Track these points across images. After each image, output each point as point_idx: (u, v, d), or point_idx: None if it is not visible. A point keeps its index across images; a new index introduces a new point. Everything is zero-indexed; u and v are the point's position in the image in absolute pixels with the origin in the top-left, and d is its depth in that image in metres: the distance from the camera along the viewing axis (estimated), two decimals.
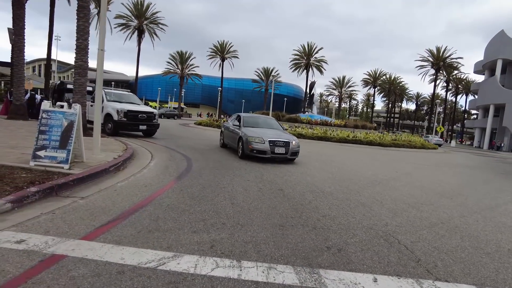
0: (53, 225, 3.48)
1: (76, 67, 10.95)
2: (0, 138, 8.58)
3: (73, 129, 5.86)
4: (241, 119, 10.89)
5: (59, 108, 5.96)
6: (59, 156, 5.74)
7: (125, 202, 4.54)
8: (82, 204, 4.30)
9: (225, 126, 12.20)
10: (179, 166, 7.76)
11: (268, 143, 9.21)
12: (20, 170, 5.44)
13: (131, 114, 13.14)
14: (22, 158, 6.25)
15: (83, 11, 10.71)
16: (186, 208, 4.49)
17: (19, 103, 15.89)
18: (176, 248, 3.18)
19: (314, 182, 7.22)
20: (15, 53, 15.91)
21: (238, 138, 9.98)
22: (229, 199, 5.14)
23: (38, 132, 5.76)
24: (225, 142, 12.12)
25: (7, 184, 4.62)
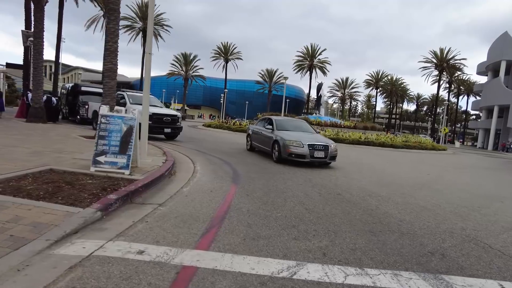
0: (156, 234, 3.42)
1: (105, 70, 10.84)
2: (39, 142, 8.47)
3: (132, 134, 5.80)
4: (273, 122, 10.76)
5: (118, 113, 5.89)
6: (120, 161, 5.68)
7: (206, 208, 4.49)
8: (166, 211, 4.24)
9: (254, 130, 12.08)
10: (224, 170, 7.71)
11: (307, 147, 9.10)
12: (83, 176, 5.37)
13: (156, 117, 13.05)
14: (78, 163, 6.18)
15: (114, 13, 10.62)
16: (267, 214, 4.45)
17: (38, 106, 15.72)
18: (292, 256, 3.15)
19: (363, 186, 7.19)
20: (35, 56, 15.75)
21: (273, 142, 9.87)
22: (299, 204, 5.10)
23: (98, 137, 5.69)
24: (253, 145, 12.03)
25: (81, 191, 4.56)
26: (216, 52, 56.35)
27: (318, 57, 54.04)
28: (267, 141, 10.42)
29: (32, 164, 5.67)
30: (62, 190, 4.50)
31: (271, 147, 9.98)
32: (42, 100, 16.27)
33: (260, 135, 11.24)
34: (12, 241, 2.90)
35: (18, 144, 7.79)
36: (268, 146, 10.36)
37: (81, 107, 18.86)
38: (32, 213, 3.52)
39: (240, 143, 15.62)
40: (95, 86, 21.75)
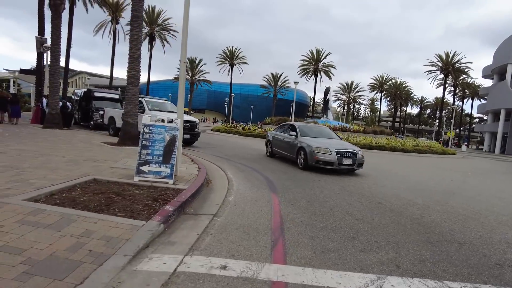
0: (228, 247, 3.42)
1: (129, 77, 10.91)
2: (69, 150, 8.49)
3: (176, 144, 5.82)
4: (296, 128, 10.75)
5: (161, 122, 5.91)
6: (163, 171, 5.69)
7: (260, 219, 4.49)
8: (225, 222, 4.25)
9: (275, 136, 12.04)
10: (256, 177, 7.72)
11: (335, 154, 9.06)
12: (128, 185, 5.38)
13: None
14: (117, 172, 6.19)
15: (137, 20, 10.70)
16: (322, 225, 4.44)
17: (54, 112, 15.79)
18: (368, 269, 3.15)
19: (398, 194, 7.18)
20: (52, 62, 15.83)
21: (298, 148, 9.85)
22: (347, 215, 5.10)
23: (141, 146, 5.70)
24: (273, 151, 12.05)
25: (134, 202, 4.56)
26: (221, 56, 56.65)
27: (323, 61, 54.21)
28: (291, 148, 10.41)
29: (74, 173, 5.69)
30: (115, 201, 4.50)
31: (296, 154, 9.97)
32: (59, 106, 16.34)
33: (282, 142, 11.23)
34: (93, 256, 2.91)
35: (51, 152, 7.81)
36: (292, 152, 10.35)
37: (95, 113, 18.94)
38: (99, 226, 3.52)
39: (256, 149, 15.62)
40: (107, 92, 21.84)
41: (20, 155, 6.95)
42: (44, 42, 20.73)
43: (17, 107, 16.71)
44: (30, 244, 2.90)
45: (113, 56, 39.12)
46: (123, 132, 10.82)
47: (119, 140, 10.87)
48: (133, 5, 10.69)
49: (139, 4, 10.67)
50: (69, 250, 2.92)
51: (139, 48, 10.89)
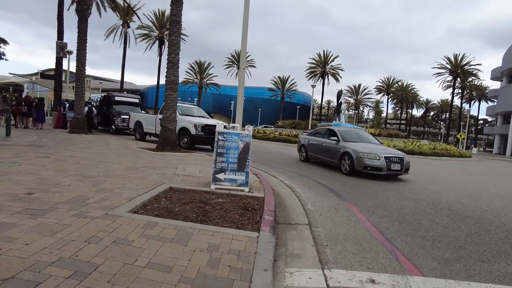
0: (356, 260, 3.36)
1: (168, 82, 10.87)
2: (120, 157, 8.43)
3: (249, 151, 5.76)
4: (337, 133, 10.68)
5: (233, 130, 5.85)
6: (239, 178, 5.64)
7: (358, 229, 4.44)
8: (328, 233, 4.20)
9: (311, 141, 11.95)
10: (313, 184, 7.66)
11: (383, 159, 8.95)
12: (207, 193, 5.32)
13: (208, 128, 13.01)
14: (187, 180, 6.14)
15: (176, 25, 10.67)
16: (419, 234, 4.39)
17: (80, 117, 15.75)
18: (504, 279, 3.09)
19: (459, 200, 7.11)
20: (77, 67, 15.82)
21: (342, 154, 9.77)
22: (433, 222, 5.04)
23: (216, 154, 5.65)
24: (309, 156, 12.01)
25: (226, 211, 4.50)
26: (229, 60, 56.68)
27: (330, 64, 54.31)
28: (333, 153, 10.36)
29: (147, 182, 5.63)
30: (208, 211, 4.44)
31: (339, 159, 9.90)
32: (84, 110, 16.32)
33: (320, 147, 11.17)
34: (236, 272, 2.83)
35: (103, 158, 7.75)
36: (333, 157, 10.29)
37: (116, 117, 18.91)
38: (217, 239, 3.45)
39: (284, 153, 15.55)
40: (128, 96, 21.83)
41: (79, 162, 6.89)
42: (64, 47, 20.75)
43: (42, 112, 16.69)
44: (171, 260, 2.83)
45: (124, 60, 39.21)
46: (162, 137, 10.76)
47: (158, 146, 10.80)
48: (172, 10, 10.67)
49: (178, 9, 10.64)
50: (210, 266, 2.85)
51: (178, 53, 10.85)
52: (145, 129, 15.14)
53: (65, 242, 2.84)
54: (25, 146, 8.88)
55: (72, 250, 2.71)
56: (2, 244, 2.68)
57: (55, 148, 8.86)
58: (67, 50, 19.58)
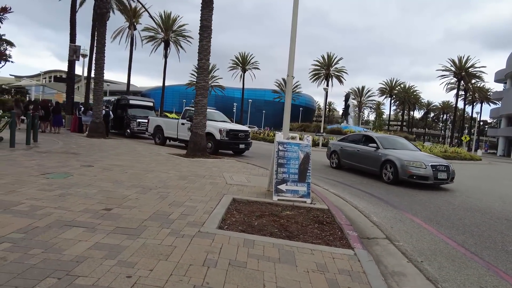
0: (466, 279, 3.28)
1: (198, 87, 10.77)
2: (161, 164, 8.31)
3: (309, 161, 5.67)
4: (375, 140, 10.22)
5: (292, 140, 5.77)
6: (300, 189, 5.55)
7: (437, 243, 4.39)
8: (414, 248, 4.14)
9: (344, 148, 11.50)
10: (361, 194, 7.58)
11: (430, 168, 8.59)
12: (271, 205, 5.24)
13: (232, 133, 12.92)
14: (245, 190, 6.05)
15: (206, 30, 10.58)
16: (499, 247, 4.35)
17: (98, 121, 15.60)
18: None
19: (509, 208, 7.07)
20: (96, 70, 15.68)
21: (383, 161, 9.38)
22: (503, 234, 4.99)
23: (277, 165, 5.56)
24: (342, 163, 11.62)
25: (303, 225, 4.42)
26: (233, 62, 56.59)
27: (334, 66, 54.35)
28: (371, 160, 9.99)
29: (207, 193, 5.53)
30: (284, 225, 4.36)
31: (380, 167, 9.53)
32: (102, 114, 16.17)
33: (357, 153, 10.77)
34: None
35: (148, 167, 7.63)
36: (372, 165, 9.95)
37: (132, 121, 18.77)
38: (318, 257, 3.36)
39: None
40: (142, 99, 21.69)
41: (127, 172, 6.77)
42: (78, 50, 20.61)
43: (59, 116, 16.51)
44: (295, 284, 2.74)
45: (130, 62, 38.98)
46: (193, 143, 10.64)
47: (188, 152, 10.69)
48: (202, 15, 10.57)
49: (209, 14, 10.55)
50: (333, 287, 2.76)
51: (208, 58, 10.76)
52: (166, 133, 15.01)
53: (185, 267, 2.74)
54: (60, 153, 8.74)
55: (198, 276, 2.62)
56: (128, 270, 2.58)
57: (90, 156, 8.72)
58: (82, 53, 19.43)
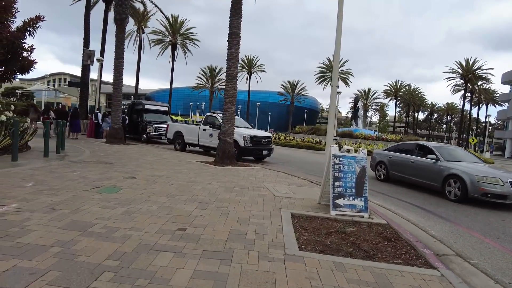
0: None
1: (227, 95, 10.68)
2: (200, 174, 8.21)
3: (366, 175, 5.58)
4: (433, 151, 9.11)
5: (348, 153, 5.67)
6: (357, 204, 5.45)
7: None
8: (488, 266, 4.02)
9: (393, 158, 10.41)
10: (421, 212, 7.44)
11: (509, 184, 7.52)
12: (330, 220, 5.13)
13: (256, 139, 12.83)
14: (296, 203, 5.96)
15: (236, 38, 10.50)
16: None
17: (117, 127, 15.53)
18: None
19: None
20: (115, 76, 15.63)
21: (447, 176, 8.32)
22: None
23: (334, 179, 5.46)
24: (391, 175, 10.40)
25: (374, 243, 4.31)
26: (240, 65, 56.62)
27: (340, 68, 54.19)
28: (430, 174, 8.86)
29: (260, 206, 5.44)
30: (355, 243, 4.26)
31: (442, 182, 8.45)
32: (121, 120, 16.10)
33: (411, 165, 9.61)
34: None
35: (188, 177, 7.53)
36: (432, 179, 8.78)
37: (148, 126, 18.69)
38: (410, 279, 3.27)
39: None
40: (157, 104, 21.63)
41: (172, 184, 6.68)
42: (92, 55, 20.59)
43: (77, 122, 16.43)
44: None
45: (139, 65, 38.93)
46: (221, 151, 10.55)
47: (217, 159, 10.59)
48: (231, 22, 10.50)
49: (238, 21, 10.48)
50: None
51: (237, 66, 10.69)
52: (186, 139, 14.93)
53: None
54: (94, 163, 8.65)
55: None
56: None
57: (125, 165, 8.63)
58: (97, 58, 19.39)
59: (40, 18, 8.66)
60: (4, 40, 8.08)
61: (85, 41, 21.77)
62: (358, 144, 24.57)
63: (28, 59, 9.05)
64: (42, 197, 4.84)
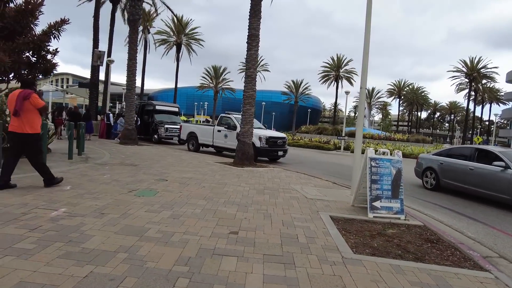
0: None
1: (246, 97, 10.74)
2: (226, 176, 8.27)
3: (401, 177, 5.62)
4: (500, 156, 7.97)
5: (383, 155, 5.72)
6: (394, 206, 5.50)
7: None
8: None
9: (447, 164, 9.23)
10: (458, 217, 7.48)
11: None
12: (368, 223, 5.18)
13: (272, 140, 12.88)
14: (330, 205, 5.99)
15: (255, 39, 10.54)
16: None
17: (131, 128, 15.59)
18: None
19: None
20: (128, 77, 15.68)
21: None
22: None
23: (371, 181, 5.51)
24: (442, 184, 9.28)
25: (418, 245, 4.37)
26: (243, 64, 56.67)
27: (344, 68, 54.34)
28: (498, 184, 7.69)
29: (301, 210, 5.49)
30: (401, 245, 4.30)
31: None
32: (134, 121, 16.16)
33: (470, 173, 8.44)
34: None
35: (215, 179, 7.58)
36: (500, 191, 7.61)
37: (159, 126, 18.76)
38: (466, 282, 3.32)
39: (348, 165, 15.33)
40: (168, 105, 21.68)
41: (204, 186, 6.74)
42: (102, 56, 20.63)
43: (90, 123, 16.49)
44: None
45: (144, 65, 38.99)
46: (240, 152, 10.61)
47: (236, 161, 10.65)
48: (250, 23, 10.54)
49: (257, 23, 10.52)
50: None
51: (256, 67, 10.76)
52: (200, 140, 14.97)
53: None
54: (119, 165, 8.71)
55: None
56: None
57: (150, 167, 8.69)
58: (108, 59, 19.43)
59: (65, 21, 8.72)
60: (31, 43, 8.13)
61: (94, 42, 21.81)
62: (367, 143, 24.59)
63: (51, 62, 9.09)
64: (86, 201, 4.89)
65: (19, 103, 5.14)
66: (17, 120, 5.21)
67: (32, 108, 5.26)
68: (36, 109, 5.33)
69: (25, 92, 5.25)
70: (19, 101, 5.14)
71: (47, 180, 5.57)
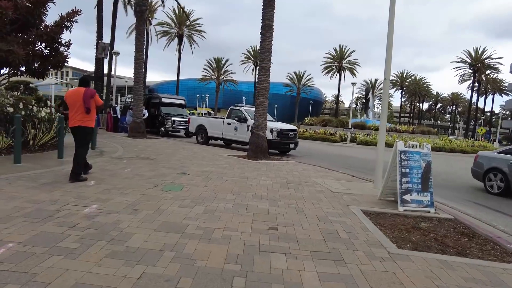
0: None
1: (260, 89, 10.59)
2: (246, 170, 8.18)
3: (431, 170, 5.54)
4: None
5: (413, 148, 5.63)
6: (424, 199, 5.44)
7: None
8: None
9: None
10: None
11: None
12: (400, 216, 5.12)
13: (283, 133, 12.77)
14: (358, 199, 5.92)
15: (269, 30, 10.34)
16: None
17: (139, 121, 15.46)
18: None
19: None
20: (135, 69, 15.46)
21: None
22: None
23: (401, 174, 5.43)
24: (502, 185, 8.06)
25: (456, 239, 4.32)
26: (245, 56, 56.17)
27: (347, 59, 53.85)
28: None
29: (331, 205, 5.42)
30: (436, 239, 4.26)
31: None
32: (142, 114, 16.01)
33: None
34: None
35: (234, 173, 7.51)
36: None
37: (166, 119, 18.62)
38: None
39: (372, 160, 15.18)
40: (174, 97, 21.51)
41: (227, 180, 6.67)
42: (107, 48, 20.33)
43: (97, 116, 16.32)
44: None
45: (146, 58, 38.53)
46: (254, 145, 10.51)
47: (250, 154, 10.56)
48: (264, 14, 10.33)
49: (271, 13, 10.31)
50: None
51: (270, 59, 10.56)
52: (210, 133, 14.86)
53: None
54: (136, 159, 8.62)
55: None
56: None
57: (168, 161, 8.60)
58: (114, 52, 19.16)
59: (77, 12, 8.52)
60: (44, 35, 7.95)
61: (98, 33, 21.47)
62: (373, 135, 24.50)
63: (63, 54, 8.92)
64: (115, 197, 4.81)
65: (88, 101, 5.52)
66: (86, 116, 5.61)
67: (94, 105, 5.74)
68: (96, 106, 5.82)
69: (90, 91, 5.68)
70: (87, 99, 5.52)
71: (74, 175, 5.53)
